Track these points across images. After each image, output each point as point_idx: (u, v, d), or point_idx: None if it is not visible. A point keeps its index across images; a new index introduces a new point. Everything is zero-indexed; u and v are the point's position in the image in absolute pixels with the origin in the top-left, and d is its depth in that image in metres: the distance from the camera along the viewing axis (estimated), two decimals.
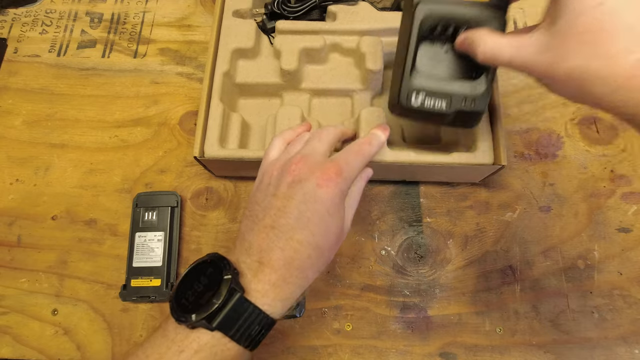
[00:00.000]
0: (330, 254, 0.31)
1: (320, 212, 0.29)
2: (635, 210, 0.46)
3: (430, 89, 0.33)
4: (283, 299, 0.28)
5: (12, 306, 0.44)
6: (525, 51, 0.27)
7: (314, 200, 0.29)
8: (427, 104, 0.34)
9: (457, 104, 0.33)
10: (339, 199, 0.30)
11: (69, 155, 0.50)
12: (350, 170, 0.31)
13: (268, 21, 0.49)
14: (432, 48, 0.35)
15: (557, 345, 0.42)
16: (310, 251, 0.29)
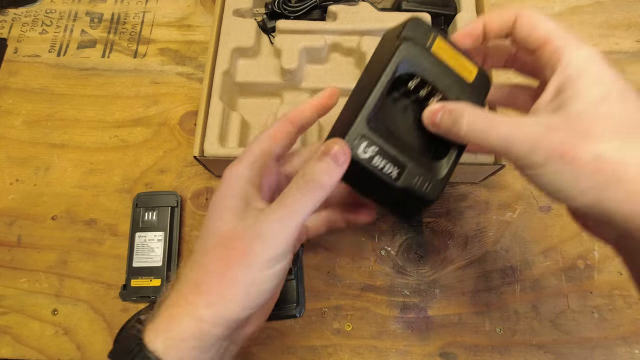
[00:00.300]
0: (212, 260, 0.25)
1: (207, 217, 0.26)
2: None
3: (385, 144, 0.25)
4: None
5: (12, 306, 0.44)
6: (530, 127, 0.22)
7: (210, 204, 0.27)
8: (375, 163, 0.25)
9: (410, 180, 0.26)
10: (230, 182, 0.27)
11: (69, 155, 0.50)
12: (248, 149, 0.27)
13: (268, 20, 0.49)
14: (398, 103, 0.28)
15: (557, 345, 0.42)
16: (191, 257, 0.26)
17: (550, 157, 0.21)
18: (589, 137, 0.21)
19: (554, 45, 0.24)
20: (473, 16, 0.48)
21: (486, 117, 0.23)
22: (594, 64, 0.23)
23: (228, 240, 0.24)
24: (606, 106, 0.22)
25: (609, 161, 0.21)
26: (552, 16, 0.55)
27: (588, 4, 0.56)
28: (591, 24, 0.55)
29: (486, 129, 0.23)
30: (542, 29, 0.24)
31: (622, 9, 0.55)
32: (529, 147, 0.22)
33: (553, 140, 0.21)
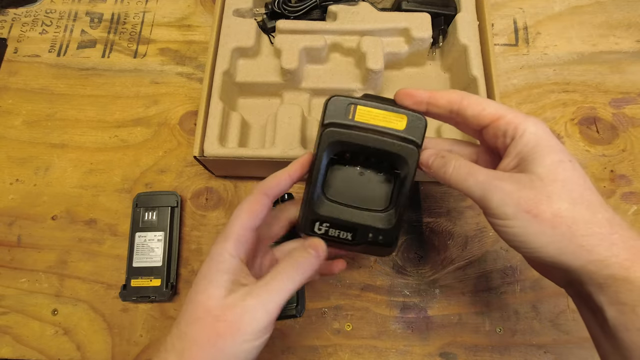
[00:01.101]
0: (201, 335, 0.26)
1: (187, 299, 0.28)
2: (635, 210, 0.46)
3: (334, 218, 0.30)
4: None
5: (12, 306, 0.44)
6: (501, 180, 0.26)
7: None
8: (331, 234, 0.30)
9: (363, 237, 0.30)
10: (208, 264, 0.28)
11: (69, 155, 0.50)
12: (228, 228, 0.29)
13: (268, 20, 0.49)
14: (343, 170, 0.32)
15: (557, 345, 0.42)
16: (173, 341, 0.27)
17: (518, 211, 0.25)
18: (549, 197, 0.25)
19: (506, 119, 0.28)
20: (473, 16, 0.48)
21: (468, 165, 0.28)
22: (544, 134, 0.27)
23: (217, 313, 0.26)
24: (560, 171, 0.26)
25: (565, 220, 0.25)
26: (552, 16, 0.55)
27: (588, 4, 0.56)
28: (591, 24, 0.55)
29: (465, 175, 0.27)
30: (491, 107, 0.28)
31: (622, 9, 0.55)
32: (500, 199, 0.26)
33: (521, 197, 0.25)
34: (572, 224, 0.25)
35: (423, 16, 0.47)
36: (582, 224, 0.25)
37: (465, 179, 0.27)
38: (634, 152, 0.48)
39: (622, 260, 0.24)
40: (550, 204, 0.25)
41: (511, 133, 0.27)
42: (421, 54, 0.49)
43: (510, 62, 0.53)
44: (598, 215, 0.25)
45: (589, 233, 0.25)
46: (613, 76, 0.52)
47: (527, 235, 0.26)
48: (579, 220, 0.25)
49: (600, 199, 0.26)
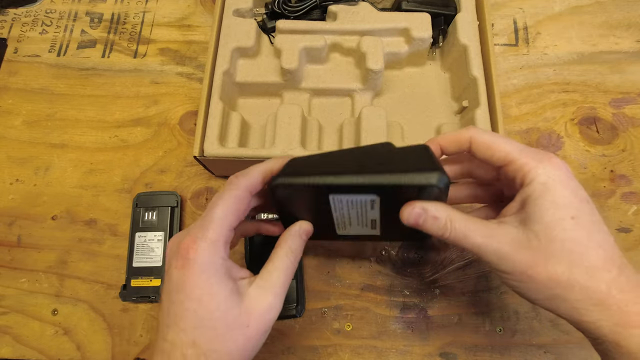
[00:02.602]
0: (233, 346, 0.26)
1: (181, 301, 0.25)
2: (635, 210, 0.46)
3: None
4: None
5: (12, 306, 0.44)
6: (498, 242, 0.26)
7: (175, 289, 0.26)
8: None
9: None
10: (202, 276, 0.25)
11: (69, 155, 0.50)
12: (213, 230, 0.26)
13: (268, 20, 0.49)
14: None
15: (557, 345, 0.42)
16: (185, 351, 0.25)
17: (514, 270, 0.26)
18: (546, 260, 0.25)
19: (516, 165, 0.27)
20: (473, 16, 0.48)
21: (464, 225, 0.26)
22: (555, 184, 0.25)
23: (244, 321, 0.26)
24: (559, 231, 0.25)
25: (559, 283, 0.25)
26: (552, 16, 0.55)
27: (588, 4, 0.56)
28: (591, 24, 0.55)
29: (462, 238, 0.26)
30: (501, 152, 0.27)
31: (622, 9, 0.55)
32: (497, 259, 0.26)
33: (517, 259, 0.25)
34: (566, 287, 0.25)
35: (423, 16, 0.47)
36: (577, 289, 0.25)
37: (463, 241, 0.27)
38: (634, 152, 0.48)
39: (612, 325, 0.24)
40: (546, 266, 0.25)
41: (519, 180, 0.27)
42: (421, 54, 0.49)
43: (510, 62, 0.53)
44: (595, 279, 0.24)
45: (582, 298, 0.25)
46: (613, 76, 0.52)
47: (524, 289, 0.26)
48: (574, 284, 0.25)
49: (607, 257, 0.25)
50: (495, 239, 0.26)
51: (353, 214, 0.29)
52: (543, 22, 0.55)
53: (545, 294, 0.25)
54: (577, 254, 0.25)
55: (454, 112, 0.49)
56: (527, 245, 0.25)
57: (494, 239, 0.26)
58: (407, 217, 0.27)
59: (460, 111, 0.48)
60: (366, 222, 0.30)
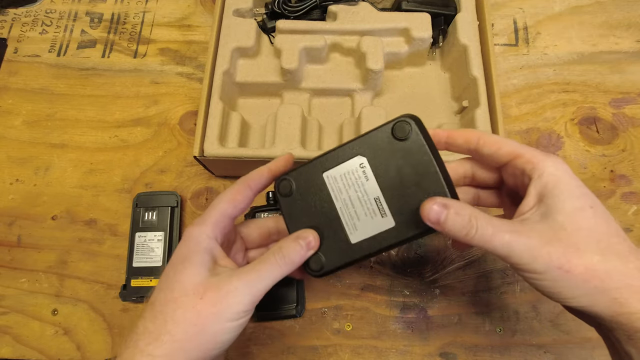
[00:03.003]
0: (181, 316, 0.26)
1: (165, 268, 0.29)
2: (635, 210, 0.46)
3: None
4: None
5: (12, 306, 0.44)
6: (528, 237, 0.25)
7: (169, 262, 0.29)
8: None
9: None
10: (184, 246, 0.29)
11: (69, 155, 0.50)
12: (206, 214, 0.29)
13: (268, 20, 0.49)
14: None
15: (557, 345, 0.42)
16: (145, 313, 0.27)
17: (549, 268, 0.24)
18: (578, 251, 0.24)
19: (525, 158, 0.27)
20: (473, 16, 0.48)
21: (490, 223, 0.25)
22: (564, 175, 0.26)
23: (199, 291, 0.26)
24: (583, 220, 0.25)
25: (597, 273, 0.24)
26: (552, 16, 0.55)
27: (588, 4, 0.56)
28: (591, 24, 0.55)
29: (490, 237, 0.25)
30: (508, 146, 0.28)
31: (622, 9, 0.55)
32: (529, 257, 0.24)
33: (550, 253, 0.24)
34: (605, 277, 0.24)
35: (423, 16, 0.47)
36: (615, 277, 0.24)
37: (491, 241, 0.25)
38: (634, 152, 0.48)
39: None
40: (581, 256, 0.24)
41: (529, 172, 0.26)
42: (421, 54, 0.49)
43: (510, 62, 0.53)
44: (630, 265, 0.24)
45: (621, 285, 0.24)
46: (613, 76, 0.52)
47: (559, 288, 0.25)
48: (612, 272, 0.24)
49: (629, 245, 0.25)
50: (524, 234, 0.25)
51: (353, 195, 0.29)
52: (543, 22, 0.55)
53: (583, 289, 0.24)
54: (606, 242, 0.24)
55: (454, 112, 0.49)
56: (556, 238, 0.24)
57: (523, 235, 0.25)
58: (427, 214, 0.25)
59: (460, 111, 0.48)
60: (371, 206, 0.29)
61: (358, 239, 0.29)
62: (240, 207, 0.30)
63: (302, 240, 0.29)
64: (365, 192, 0.29)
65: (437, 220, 0.25)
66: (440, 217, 0.25)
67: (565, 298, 0.25)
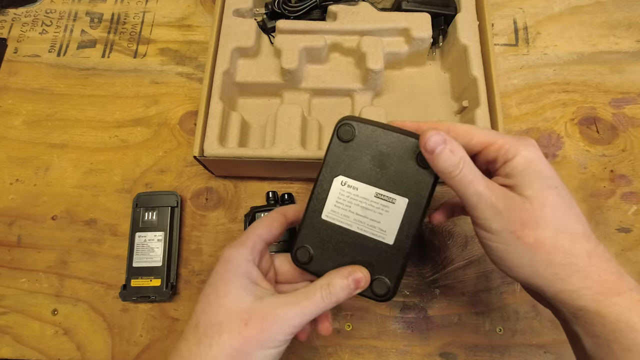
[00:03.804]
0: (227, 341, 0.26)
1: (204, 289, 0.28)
2: (635, 210, 0.46)
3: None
4: None
5: (12, 306, 0.44)
6: (497, 197, 0.26)
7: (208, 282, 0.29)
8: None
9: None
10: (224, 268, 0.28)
11: (69, 155, 0.50)
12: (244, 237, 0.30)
13: (268, 20, 0.49)
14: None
15: (557, 345, 0.42)
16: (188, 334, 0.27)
17: (504, 230, 0.26)
18: (535, 224, 0.25)
19: (496, 145, 0.27)
20: (473, 16, 0.48)
21: (473, 171, 0.26)
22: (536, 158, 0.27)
23: (244, 318, 0.26)
24: (549, 197, 0.26)
25: (545, 247, 0.25)
26: (552, 16, 0.55)
27: (588, 4, 0.56)
28: (591, 24, 0.55)
29: (468, 182, 0.26)
30: (480, 136, 0.28)
31: (622, 9, 0.55)
32: (491, 214, 0.26)
33: (510, 218, 0.26)
34: (551, 252, 0.25)
35: (423, 16, 0.47)
36: (560, 253, 0.25)
37: (467, 186, 0.26)
38: (634, 152, 0.48)
39: (593, 293, 0.24)
40: (536, 229, 0.25)
41: (502, 158, 0.27)
42: (421, 54, 0.49)
43: (510, 62, 0.53)
44: (578, 245, 0.25)
45: (565, 262, 0.25)
46: (613, 76, 0.52)
47: (506, 253, 0.26)
48: (558, 249, 0.25)
49: (585, 229, 0.26)
50: (495, 193, 0.26)
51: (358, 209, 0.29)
52: (543, 22, 0.55)
53: (528, 258, 0.25)
54: (563, 221, 0.26)
55: (454, 112, 0.49)
56: (520, 207, 0.26)
57: (494, 193, 0.26)
58: (427, 139, 0.26)
59: (460, 111, 0.48)
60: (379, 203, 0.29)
61: (393, 237, 0.29)
62: (275, 233, 0.31)
63: (351, 277, 0.28)
64: (364, 199, 0.29)
65: (433, 149, 0.26)
66: (437, 148, 0.26)
67: (511, 266, 0.26)
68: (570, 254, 0.25)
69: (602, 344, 0.24)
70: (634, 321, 0.24)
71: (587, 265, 0.25)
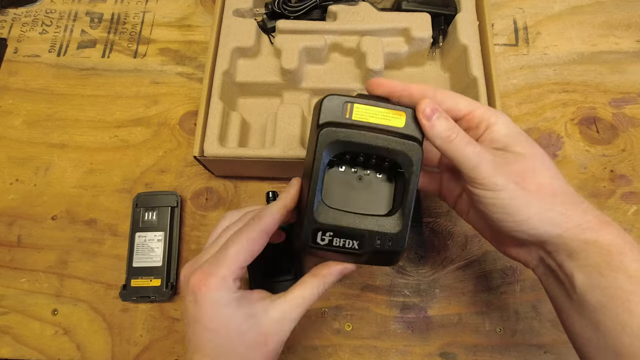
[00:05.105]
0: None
1: (200, 332, 0.27)
2: (635, 210, 0.46)
3: (338, 226, 0.28)
4: None
5: (12, 306, 0.44)
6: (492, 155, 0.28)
7: (193, 320, 0.27)
8: (335, 244, 0.28)
9: (371, 244, 0.28)
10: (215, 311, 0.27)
11: (69, 155, 0.50)
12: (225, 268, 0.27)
13: (268, 20, 0.49)
14: (342, 174, 0.30)
15: (557, 345, 0.42)
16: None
17: (508, 182, 0.27)
18: (533, 172, 0.28)
19: (479, 112, 0.29)
20: (473, 16, 0.48)
21: (466, 135, 0.28)
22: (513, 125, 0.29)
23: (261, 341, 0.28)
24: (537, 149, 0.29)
25: (548, 190, 0.27)
26: (552, 16, 0.55)
27: (588, 4, 0.56)
28: (591, 24, 0.55)
29: (465, 144, 0.28)
30: (464, 102, 0.30)
31: (622, 9, 0.55)
32: (492, 170, 0.27)
33: (511, 170, 0.27)
34: (553, 194, 0.27)
35: (423, 16, 0.47)
36: (560, 195, 0.28)
37: (465, 147, 0.28)
38: (634, 152, 0.48)
39: (593, 225, 0.27)
40: (535, 176, 0.27)
41: (484, 125, 0.29)
42: (421, 54, 0.49)
43: (510, 62, 0.53)
44: (570, 188, 0.28)
45: (567, 202, 0.27)
46: (613, 76, 0.52)
47: (514, 207, 0.27)
48: (558, 191, 0.28)
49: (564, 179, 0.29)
50: (492, 154, 0.28)
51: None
52: (543, 22, 0.55)
53: (534, 205, 0.27)
54: (553, 169, 0.29)
55: None
56: (516, 160, 0.28)
57: (491, 154, 0.28)
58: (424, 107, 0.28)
59: None
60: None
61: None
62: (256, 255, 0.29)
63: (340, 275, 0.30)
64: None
65: (430, 115, 0.28)
66: (434, 114, 0.28)
67: (518, 220, 0.27)
68: (567, 194, 0.28)
69: (594, 272, 0.26)
70: (620, 245, 0.26)
71: (582, 202, 0.28)
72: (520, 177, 0.27)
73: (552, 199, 0.27)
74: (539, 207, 0.27)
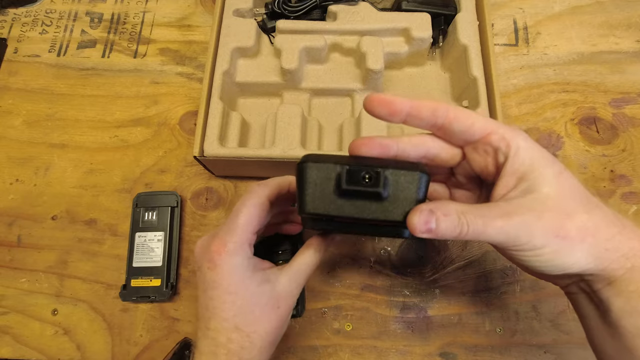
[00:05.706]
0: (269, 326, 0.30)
1: (219, 296, 0.29)
2: (635, 210, 0.46)
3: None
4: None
5: (12, 306, 0.44)
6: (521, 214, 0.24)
7: (211, 287, 0.29)
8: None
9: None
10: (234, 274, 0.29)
11: (69, 155, 0.50)
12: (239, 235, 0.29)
13: (268, 20, 0.49)
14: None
15: (557, 345, 0.42)
16: (230, 335, 0.29)
17: (547, 238, 0.24)
18: (568, 215, 0.24)
19: (498, 134, 0.25)
20: (473, 16, 0.48)
21: (478, 214, 0.24)
22: (535, 147, 0.26)
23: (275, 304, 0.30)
24: (565, 184, 0.25)
25: (589, 231, 0.24)
26: (552, 16, 0.55)
27: (588, 4, 0.56)
28: (591, 24, 0.55)
29: (482, 227, 0.24)
30: (480, 122, 0.26)
31: (622, 9, 0.55)
32: (526, 235, 0.24)
33: (545, 225, 0.24)
34: (595, 233, 0.25)
35: (423, 16, 0.47)
36: (603, 229, 0.25)
37: (484, 232, 0.24)
38: (634, 152, 0.48)
39: (637, 252, 0.25)
40: (572, 219, 0.24)
41: (504, 150, 0.25)
42: (421, 54, 0.49)
43: (510, 62, 0.53)
44: (608, 213, 0.25)
45: (610, 236, 0.25)
46: (613, 76, 0.52)
47: (559, 259, 0.25)
48: (600, 226, 0.25)
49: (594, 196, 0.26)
50: (516, 214, 0.24)
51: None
52: (543, 22, 0.55)
53: (579, 250, 0.24)
54: (585, 199, 0.25)
55: None
56: (547, 208, 0.24)
57: (515, 215, 0.24)
58: (416, 223, 0.24)
59: None
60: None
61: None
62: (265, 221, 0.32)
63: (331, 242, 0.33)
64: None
65: (429, 229, 0.24)
66: (431, 225, 0.24)
67: (566, 267, 0.25)
68: (609, 225, 0.25)
69: (635, 296, 0.24)
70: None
71: (624, 227, 0.25)
72: (558, 226, 0.24)
73: (595, 237, 0.25)
74: (583, 250, 0.24)
